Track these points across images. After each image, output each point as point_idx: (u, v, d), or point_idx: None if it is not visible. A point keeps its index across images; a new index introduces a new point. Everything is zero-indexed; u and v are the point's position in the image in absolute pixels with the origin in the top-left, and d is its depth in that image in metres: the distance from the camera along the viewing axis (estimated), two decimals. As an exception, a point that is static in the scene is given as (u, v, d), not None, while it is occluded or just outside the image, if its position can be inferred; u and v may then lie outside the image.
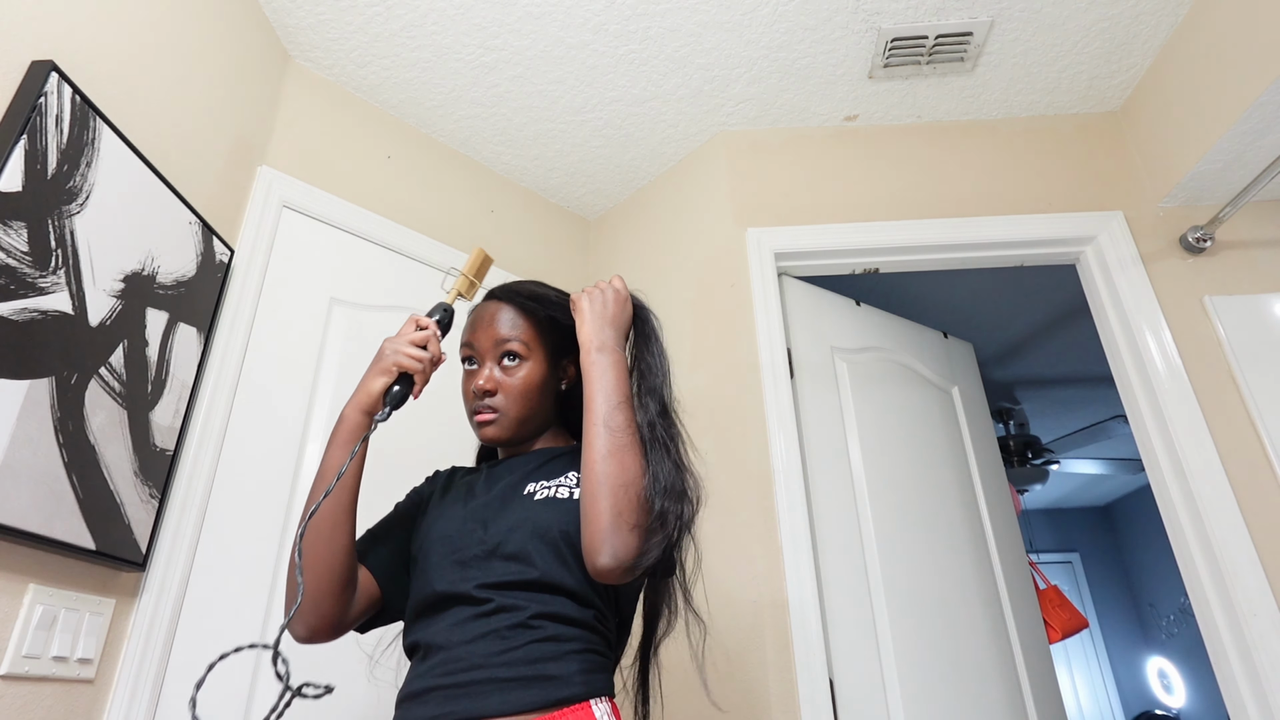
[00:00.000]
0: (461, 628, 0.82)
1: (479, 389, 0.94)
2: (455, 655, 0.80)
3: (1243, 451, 1.55)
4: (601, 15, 1.66)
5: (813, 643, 1.50)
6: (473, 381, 0.96)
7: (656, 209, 2.16)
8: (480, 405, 0.95)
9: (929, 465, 1.97)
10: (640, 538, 0.80)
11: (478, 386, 0.95)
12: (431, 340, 0.91)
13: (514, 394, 0.95)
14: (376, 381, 0.87)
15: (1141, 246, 1.77)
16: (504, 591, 0.82)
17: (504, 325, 0.97)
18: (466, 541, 0.87)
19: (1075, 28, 1.72)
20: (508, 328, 0.96)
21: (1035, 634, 1.96)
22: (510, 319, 0.97)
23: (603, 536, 0.78)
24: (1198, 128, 1.65)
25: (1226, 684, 1.45)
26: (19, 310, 0.95)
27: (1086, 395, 3.61)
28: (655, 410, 0.96)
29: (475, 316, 1.00)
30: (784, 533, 1.58)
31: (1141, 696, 4.78)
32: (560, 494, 0.88)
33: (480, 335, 0.98)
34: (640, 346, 1.01)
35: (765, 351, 1.75)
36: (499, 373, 0.96)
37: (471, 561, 0.85)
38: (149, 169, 1.22)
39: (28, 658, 0.99)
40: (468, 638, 0.80)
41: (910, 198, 1.92)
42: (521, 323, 0.97)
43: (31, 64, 1.01)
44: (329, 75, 1.82)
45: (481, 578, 0.83)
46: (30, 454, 0.96)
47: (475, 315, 1.01)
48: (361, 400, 0.87)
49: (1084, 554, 5.28)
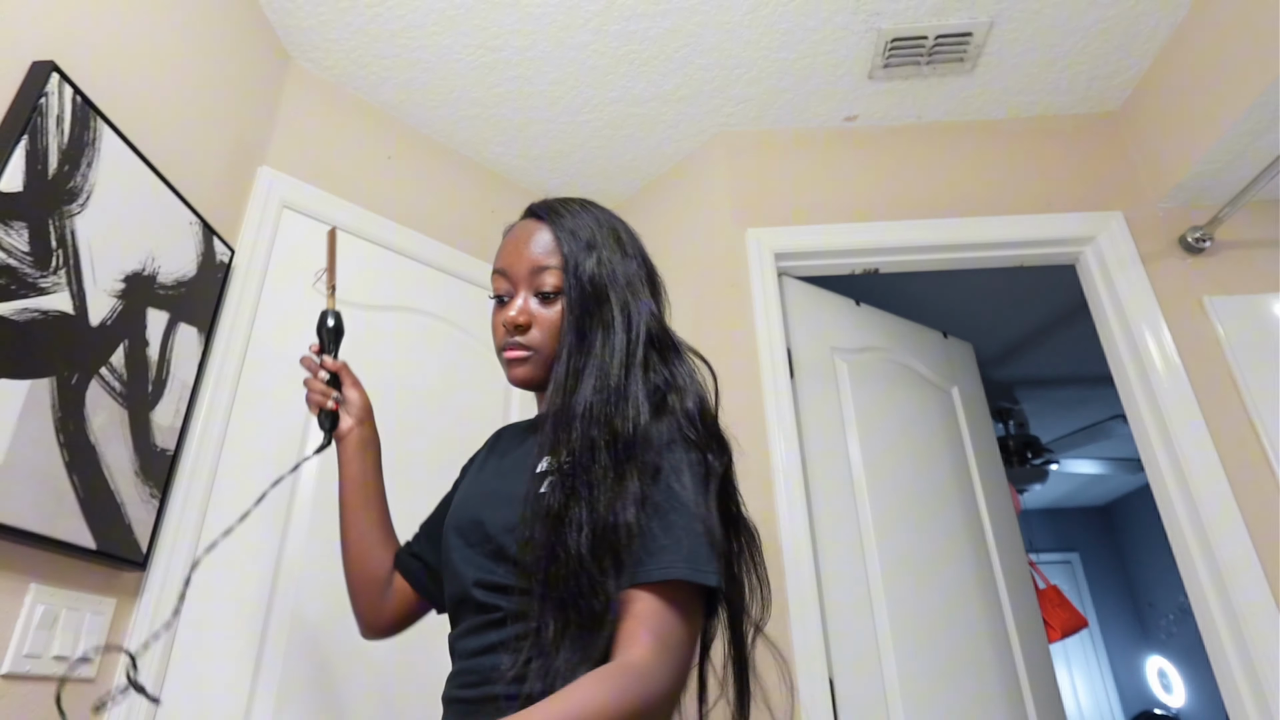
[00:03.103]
0: (472, 636, 0.75)
1: (510, 321, 0.82)
2: (468, 666, 0.75)
3: (1242, 451, 1.55)
4: (601, 15, 1.67)
5: (813, 643, 1.50)
6: (504, 313, 0.84)
7: (656, 209, 2.16)
8: (511, 341, 0.83)
9: (929, 465, 1.97)
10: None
11: (508, 319, 0.82)
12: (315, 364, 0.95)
13: (552, 329, 0.81)
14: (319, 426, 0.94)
15: (1141, 247, 1.77)
16: (511, 596, 0.72)
17: (545, 248, 0.83)
18: (469, 533, 0.79)
19: (1075, 28, 1.72)
20: (549, 252, 0.83)
21: (1035, 633, 1.96)
22: (551, 243, 0.84)
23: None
24: (1197, 128, 1.65)
25: (1225, 683, 1.45)
26: (20, 310, 0.95)
27: (1086, 395, 3.61)
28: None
29: (512, 236, 0.88)
30: (783, 532, 1.58)
31: (1141, 696, 4.79)
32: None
33: (514, 259, 0.84)
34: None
35: (765, 351, 1.76)
36: (535, 304, 0.83)
37: (474, 558, 0.77)
38: (149, 169, 1.22)
39: (29, 657, 0.99)
40: (478, 648, 0.74)
41: (910, 198, 1.92)
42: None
43: (32, 64, 1.01)
44: (329, 75, 1.82)
45: (484, 577, 0.75)
46: (31, 454, 0.96)
47: (512, 234, 0.88)
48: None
49: (1083, 554, 5.28)
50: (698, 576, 0.66)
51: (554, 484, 0.70)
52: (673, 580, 0.65)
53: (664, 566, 0.65)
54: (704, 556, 0.67)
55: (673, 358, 0.81)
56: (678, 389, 0.77)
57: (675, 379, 0.78)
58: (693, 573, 0.65)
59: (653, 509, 0.68)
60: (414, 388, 1.72)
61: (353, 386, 0.97)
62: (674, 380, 0.78)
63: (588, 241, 0.83)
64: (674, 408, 0.75)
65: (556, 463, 0.72)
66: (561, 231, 0.84)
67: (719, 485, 0.74)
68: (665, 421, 0.74)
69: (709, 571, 0.66)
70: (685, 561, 0.66)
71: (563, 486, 0.69)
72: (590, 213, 0.88)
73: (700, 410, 0.77)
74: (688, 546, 0.66)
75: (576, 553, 0.66)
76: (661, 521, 0.68)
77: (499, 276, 0.86)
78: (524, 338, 0.82)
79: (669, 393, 0.77)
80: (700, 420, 0.75)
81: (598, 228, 0.85)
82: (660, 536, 0.67)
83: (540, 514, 0.69)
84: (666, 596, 0.65)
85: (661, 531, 0.67)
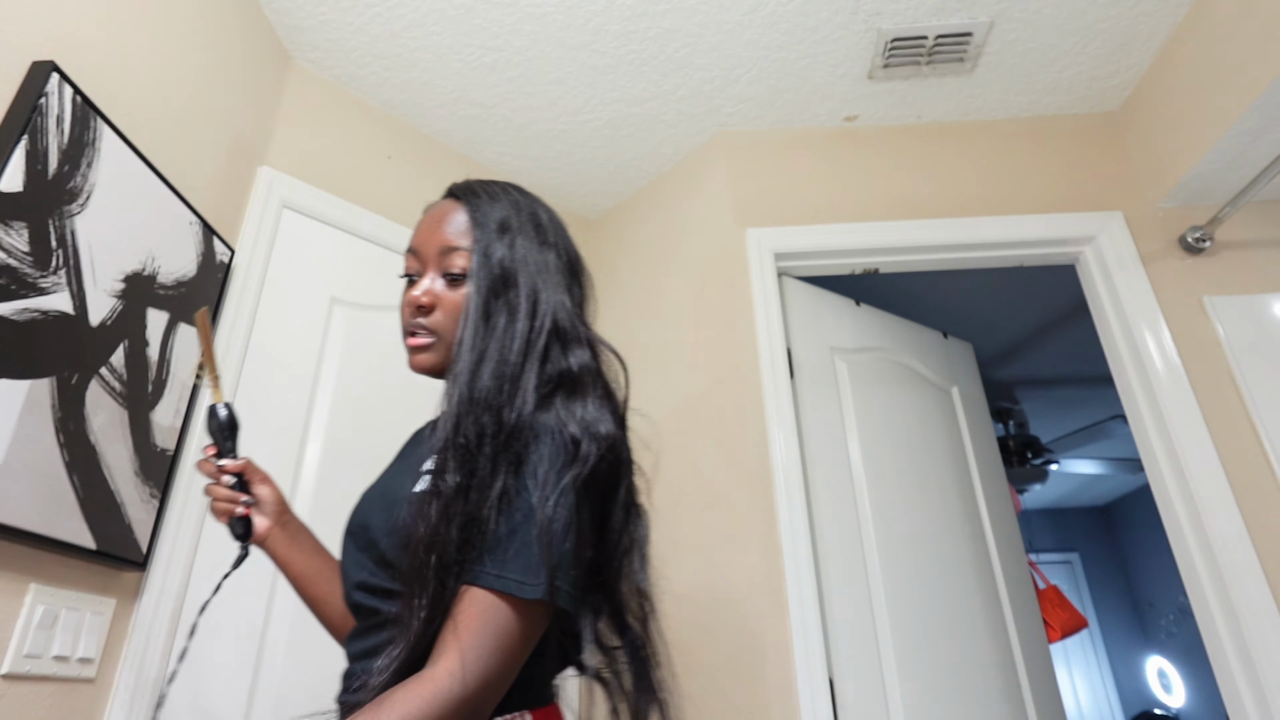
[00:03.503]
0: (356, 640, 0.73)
1: (413, 301, 0.78)
2: (351, 670, 0.72)
3: (1242, 451, 1.55)
4: (602, 15, 1.67)
5: (813, 643, 1.50)
6: (409, 294, 0.79)
7: (657, 209, 2.16)
8: (414, 324, 0.78)
9: (929, 465, 1.97)
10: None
11: (411, 298, 0.78)
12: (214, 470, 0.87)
13: (456, 312, 0.77)
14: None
15: (1141, 246, 1.77)
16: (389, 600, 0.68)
17: (455, 229, 0.79)
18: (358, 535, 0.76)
19: (1075, 28, 1.72)
20: (462, 233, 0.79)
21: (1035, 634, 1.96)
22: (464, 224, 0.79)
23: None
24: (1197, 128, 1.65)
25: (1225, 683, 1.45)
26: (20, 310, 0.95)
27: (1086, 395, 3.61)
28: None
29: (427, 215, 0.84)
30: (784, 533, 1.58)
31: (1141, 696, 4.79)
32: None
33: (425, 239, 0.80)
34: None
35: (765, 351, 1.76)
36: (442, 285, 0.78)
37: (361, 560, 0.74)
38: (150, 169, 1.22)
39: (29, 657, 0.99)
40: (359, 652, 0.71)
41: (910, 198, 1.92)
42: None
43: (32, 64, 1.01)
44: (330, 75, 1.82)
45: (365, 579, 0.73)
46: (31, 454, 0.96)
47: (427, 214, 0.84)
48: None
49: (1083, 554, 5.28)
50: (520, 591, 0.62)
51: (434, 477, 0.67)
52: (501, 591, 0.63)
53: (496, 574, 0.62)
54: (533, 567, 0.62)
55: (577, 350, 0.76)
56: (571, 381, 0.73)
57: (572, 370, 0.74)
58: (517, 587, 0.62)
59: (504, 507, 0.65)
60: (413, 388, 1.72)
61: (262, 483, 0.90)
62: (570, 372, 0.73)
63: (501, 224, 0.79)
64: (558, 402, 0.71)
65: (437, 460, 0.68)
66: (476, 213, 0.80)
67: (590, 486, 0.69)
68: (548, 415, 0.69)
69: (532, 585, 0.62)
70: (516, 571, 0.62)
71: (442, 479, 0.65)
72: (510, 196, 0.83)
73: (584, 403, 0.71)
74: (524, 555, 0.63)
75: (443, 548, 0.63)
76: (507, 522, 0.64)
77: (410, 255, 0.82)
78: (427, 320, 0.78)
79: (560, 385, 0.72)
80: (584, 417, 0.70)
81: (515, 212, 0.81)
82: (499, 538, 0.64)
83: (415, 509, 0.66)
84: (489, 602, 0.62)
85: (502, 533, 0.64)
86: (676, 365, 1.92)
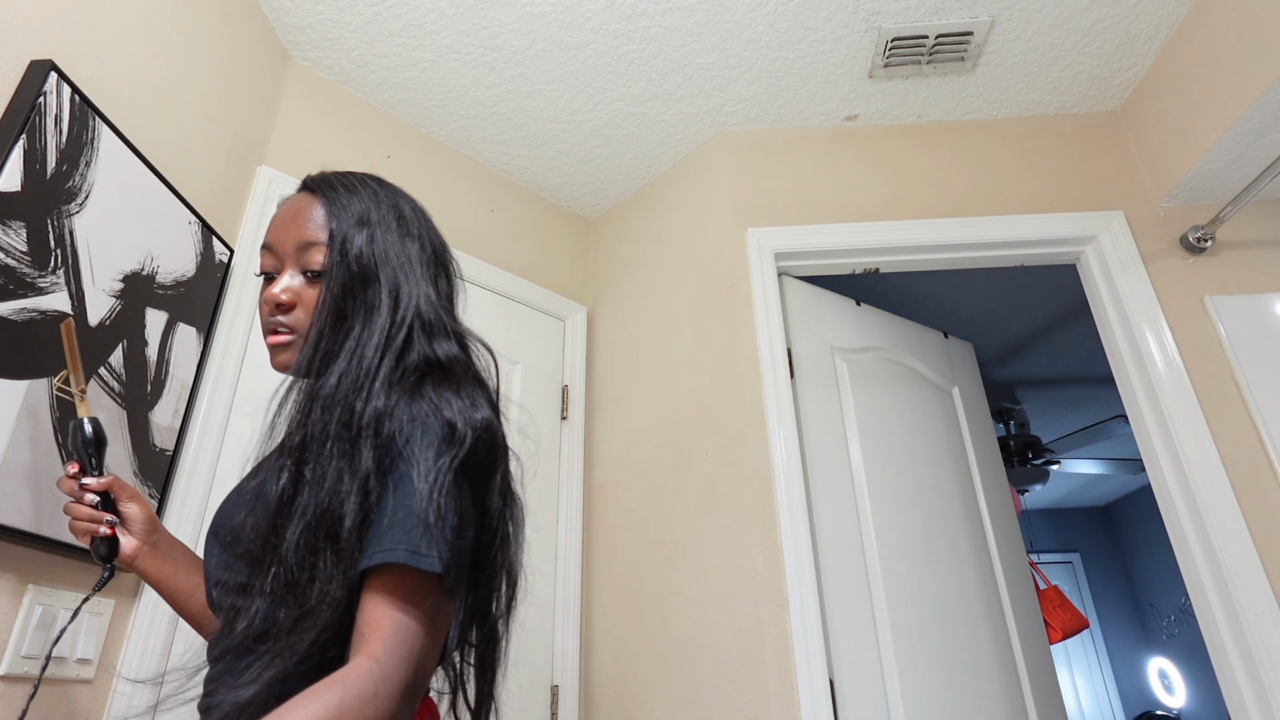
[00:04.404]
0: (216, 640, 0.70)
1: (271, 299, 0.74)
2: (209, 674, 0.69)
3: (1243, 451, 1.54)
4: (601, 15, 1.66)
5: (813, 643, 1.50)
6: (266, 291, 0.76)
7: (657, 209, 2.16)
8: (274, 322, 0.75)
9: (929, 465, 1.96)
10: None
11: (269, 296, 0.75)
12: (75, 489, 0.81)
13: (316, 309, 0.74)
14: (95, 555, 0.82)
15: (1142, 246, 1.76)
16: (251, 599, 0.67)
17: (313, 224, 0.76)
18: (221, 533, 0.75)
19: (1076, 27, 1.71)
20: (320, 227, 0.76)
21: (1035, 634, 1.96)
22: (322, 218, 0.76)
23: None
24: (1198, 127, 1.65)
25: (1227, 684, 1.45)
26: (18, 310, 0.95)
27: (1087, 395, 3.61)
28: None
29: (282, 209, 0.80)
30: (784, 533, 1.58)
31: (1142, 697, 4.78)
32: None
33: (281, 234, 0.77)
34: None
35: (765, 351, 1.75)
36: (301, 282, 0.75)
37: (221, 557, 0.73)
38: (148, 169, 1.22)
39: (27, 658, 0.99)
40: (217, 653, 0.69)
41: (910, 198, 1.91)
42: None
43: (31, 63, 1.01)
44: (329, 75, 1.82)
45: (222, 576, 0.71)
46: (29, 454, 0.96)
47: (282, 208, 0.80)
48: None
49: (1084, 554, 5.27)
50: (414, 560, 0.60)
51: (282, 472, 0.65)
52: (394, 567, 0.60)
53: (384, 549, 0.60)
54: (423, 540, 0.60)
55: (443, 342, 0.74)
56: (441, 370, 0.72)
57: (440, 360, 0.72)
58: (410, 557, 0.60)
59: (378, 494, 0.63)
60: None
61: (130, 500, 0.85)
62: (438, 361, 0.72)
63: (360, 217, 0.76)
64: (429, 390, 0.69)
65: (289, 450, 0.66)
66: (334, 206, 0.77)
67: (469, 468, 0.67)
68: (415, 403, 0.67)
69: (427, 556, 0.60)
70: (404, 546, 0.60)
71: (291, 474, 0.64)
72: (369, 188, 0.80)
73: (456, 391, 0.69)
74: (407, 530, 0.61)
75: (292, 542, 0.62)
76: (392, 505, 0.62)
77: (266, 252, 0.78)
78: (287, 318, 0.75)
79: (428, 374, 0.71)
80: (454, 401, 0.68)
81: (375, 204, 0.78)
82: (382, 522, 0.62)
83: (262, 503, 0.65)
84: (389, 586, 0.60)
85: (384, 517, 0.62)
86: (676, 365, 1.92)
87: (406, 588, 0.61)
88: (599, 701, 1.77)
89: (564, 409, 2.06)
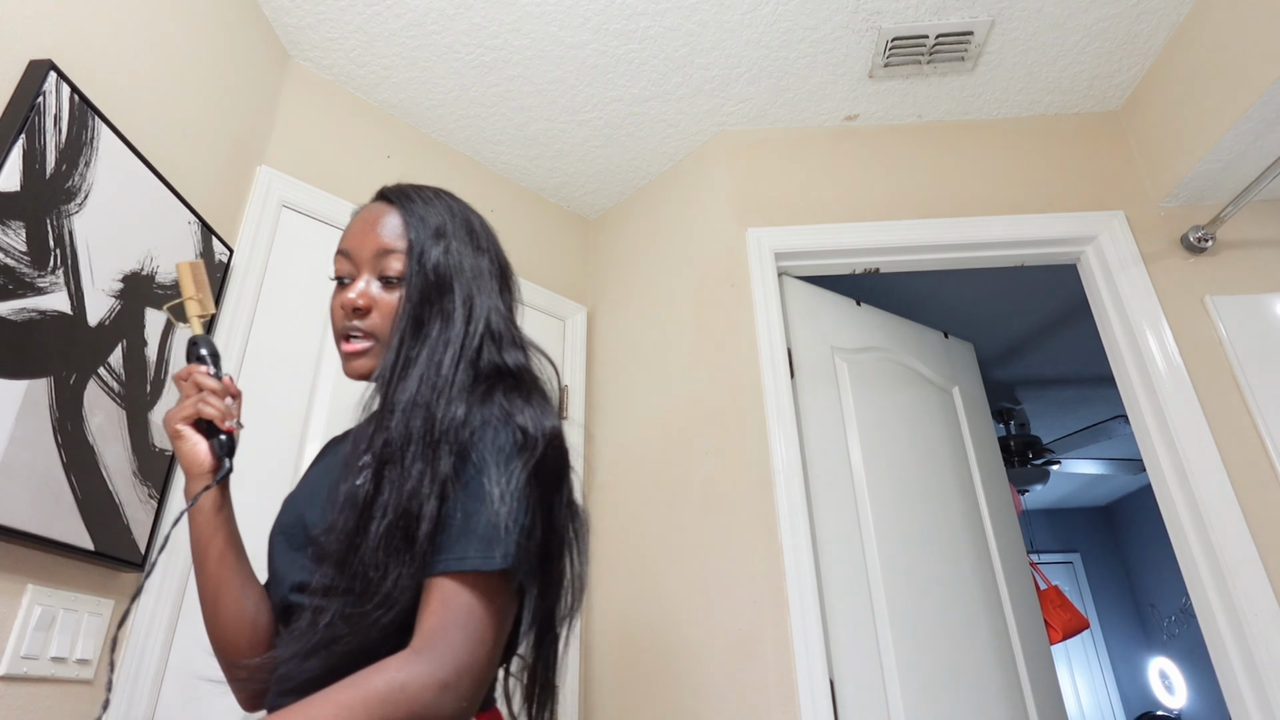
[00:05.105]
0: (290, 641, 0.69)
1: (348, 304, 0.77)
2: (282, 674, 0.69)
3: (1244, 451, 1.54)
4: (601, 15, 1.66)
5: (813, 643, 1.49)
6: (342, 296, 0.78)
7: (657, 209, 2.16)
8: (349, 327, 0.77)
9: (929, 465, 1.96)
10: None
11: (347, 301, 0.77)
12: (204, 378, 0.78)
13: (393, 315, 0.76)
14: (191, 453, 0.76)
15: (1142, 246, 1.76)
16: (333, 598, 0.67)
17: (391, 233, 0.79)
18: (293, 534, 0.75)
19: (1076, 27, 1.71)
20: (397, 236, 0.79)
21: (1036, 634, 1.96)
22: (400, 227, 0.79)
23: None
24: (1199, 127, 1.65)
25: (1228, 684, 1.45)
26: (17, 310, 0.95)
27: (1087, 395, 3.60)
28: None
29: (359, 218, 0.83)
30: (784, 533, 1.58)
31: (1142, 697, 4.78)
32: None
33: (359, 241, 0.80)
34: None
35: (765, 351, 1.75)
36: (378, 288, 0.78)
37: (296, 559, 0.73)
38: (148, 169, 1.21)
39: (26, 658, 0.99)
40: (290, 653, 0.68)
41: (910, 198, 1.91)
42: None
43: (30, 63, 1.01)
44: (328, 75, 1.81)
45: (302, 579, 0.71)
46: (29, 454, 0.96)
47: (359, 216, 0.83)
48: (192, 485, 0.77)
49: (1085, 554, 5.27)
50: (485, 564, 0.63)
51: (366, 473, 0.68)
52: (467, 570, 0.63)
53: (457, 557, 0.63)
54: (495, 543, 0.64)
55: (513, 351, 0.78)
56: (512, 378, 0.75)
57: (510, 369, 0.75)
58: (483, 561, 0.63)
59: (455, 496, 0.66)
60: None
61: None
62: (509, 370, 0.75)
63: (437, 229, 0.79)
64: (498, 395, 0.72)
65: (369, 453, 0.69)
66: (411, 216, 0.80)
67: (540, 474, 0.70)
68: (486, 408, 0.70)
69: (496, 557, 0.63)
70: (476, 549, 0.63)
71: (374, 474, 0.67)
72: (444, 201, 0.84)
73: (527, 400, 0.73)
74: (484, 534, 0.64)
75: (373, 540, 0.64)
76: (461, 509, 0.65)
77: (342, 257, 0.81)
78: (363, 323, 0.77)
79: (499, 382, 0.74)
80: (525, 409, 0.71)
81: (450, 217, 0.82)
82: (456, 524, 0.65)
83: (349, 503, 0.67)
84: (456, 587, 0.63)
85: (459, 520, 0.65)
86: (676, 365, 1.92)
87: (474, 589, 0.63)
88: (599, 701, 1.76)
89: (564, 409, 2.06)
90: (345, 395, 1.59)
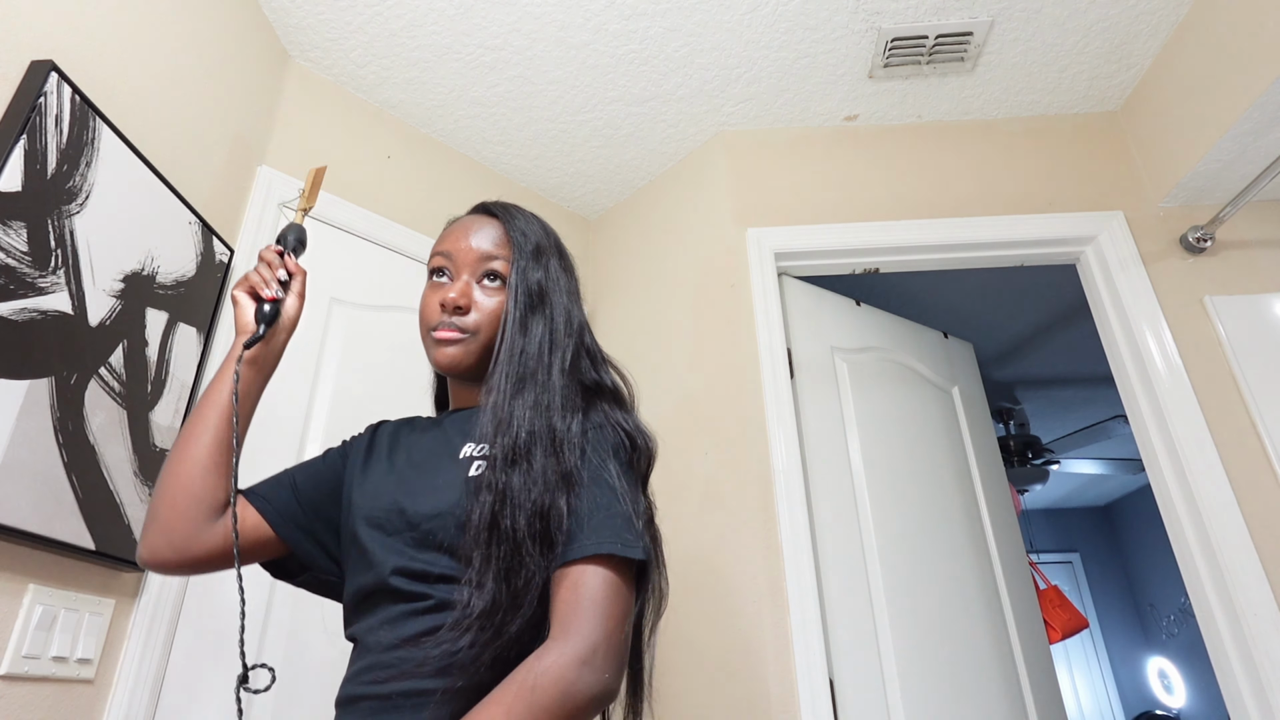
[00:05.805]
0: (388, 628, 0.71)
1: (449, 301, 0.81)
2: (382, 660, 0.70)
3: (1243, 451, 1.54)
4: (601, 15, 1.66)
5: (813, 643, 1.50)
6: (442, 293, 0.82)
7: (657, 209, 2.16)
8: (447, 321, 0.82)
9: (929, 465, 1.96)
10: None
11: (448, 299, 0.81)
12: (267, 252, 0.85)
13: (492, 317, 0.82)
14: (239, 316, 0.83)
15: (1142, 246, 1.77)
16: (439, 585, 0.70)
17: (494, 241, 0.85)
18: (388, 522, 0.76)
19: (1076, 27, 1.71)
20: (498, 245, 0.85)
21: (1035, 634, 1.96)
22: (502, 237, 0.85)
23: None
24: (1198, 127, 1.65)
25: (1227, 684, 1.45)
26: (18, 310, 0.95)
27: (1086, 395, 3.61)
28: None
29: (461, 224, 0.88)
30: (784, 533, 1.58)
31: (1142, 697, 4.78)
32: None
33: (462, 245, 0.85)
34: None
35: (765, 351, 1.75)
36: (477, 291, 0.83)
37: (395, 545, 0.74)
38: (149, 169, 1.22)
39: (27, 658, 0.99)
40: (395, 641, 0.70)
41: (910, 198, 1.91)
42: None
43: (31, 64, 1.01)
44: (329, 75, 1.82)
45: (406, 564, 0.72)
46: (30, 454, 0.96)
47: (461, 223, 0.88)
48: (235, 344, 0.82)
49: (1084, 554, 5.28)
50: (627, 551, 0.68)
51: (492, 467, 0.72)
52: (599, 558, 0.68)
53: (597, 542, 0.68)
54: (628, 533, 0.70)
55: (603, 366, 0.86)
56: (608, 389, 0.83)
57: (605, 383, 0.84)
58: (623, 548, 0.68)
59: (584, 491, 0.72)
60: (412, 388, 1.72)
61: (298, 296, 0.87)
62: (604, 382, 0.84)
63: (538, 245, 0.86)
64: (605, 405, 0.81)
65: (492, 449, 0.73)
66: (514, 230, 0.86)
67: (644, 481, 0.80)
68: (596, 414, 0.79)
69: (636, 546, 0.69)
70: (615, 538, 0.69)
71: (503, 469, 0.71)
72: (539, 221, 0.91)
73: (627, 410, 0.83)
74: (617, 524, 0.70)
75: (516, 532, 0.68)
76: (592, 502, 0.71)
77: (441, 257, 0.86)
78: (462, 320, 0.82)
79: (601, 392, 0.82)
80: (629, 419, 0.81)
81: (545, 237, 0.89)
82: (591, 516, 0.70)
83: (479, 495, 0.70)
84: (593, 574, 0.67)
85: (592, 511, 0.70)
86: (676, 365, 1.92)
87: (605, 573, 0.68)
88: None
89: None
90: (345, 395, 1.59)
